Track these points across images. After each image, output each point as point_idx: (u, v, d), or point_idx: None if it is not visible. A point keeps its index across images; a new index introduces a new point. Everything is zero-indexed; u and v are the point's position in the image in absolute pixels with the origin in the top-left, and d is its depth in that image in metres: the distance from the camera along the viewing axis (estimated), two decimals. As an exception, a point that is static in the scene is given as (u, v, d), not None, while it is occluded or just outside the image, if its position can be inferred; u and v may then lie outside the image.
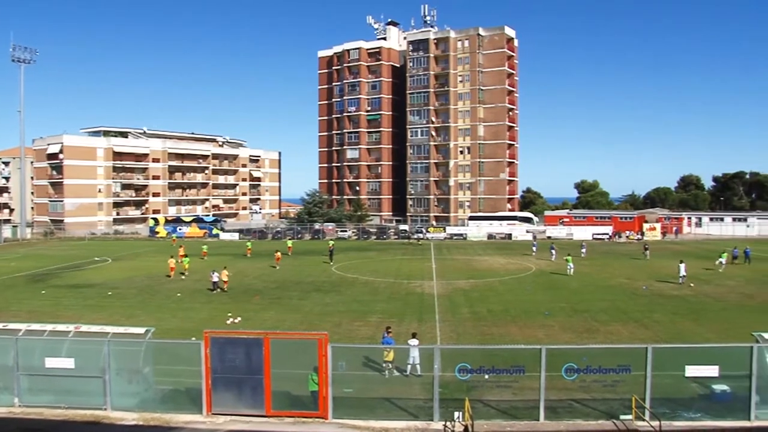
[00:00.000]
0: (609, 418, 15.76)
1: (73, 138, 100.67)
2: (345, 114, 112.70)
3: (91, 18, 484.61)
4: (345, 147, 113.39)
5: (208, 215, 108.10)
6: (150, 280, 44.50)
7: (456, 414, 15.13)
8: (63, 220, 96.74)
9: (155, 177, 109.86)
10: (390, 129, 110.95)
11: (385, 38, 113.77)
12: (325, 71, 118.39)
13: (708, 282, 41.51)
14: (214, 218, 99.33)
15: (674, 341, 23.97)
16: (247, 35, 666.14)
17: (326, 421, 15.94)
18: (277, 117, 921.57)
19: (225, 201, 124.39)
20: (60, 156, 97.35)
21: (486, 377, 16.24)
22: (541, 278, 44.67)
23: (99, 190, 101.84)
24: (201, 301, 35.80)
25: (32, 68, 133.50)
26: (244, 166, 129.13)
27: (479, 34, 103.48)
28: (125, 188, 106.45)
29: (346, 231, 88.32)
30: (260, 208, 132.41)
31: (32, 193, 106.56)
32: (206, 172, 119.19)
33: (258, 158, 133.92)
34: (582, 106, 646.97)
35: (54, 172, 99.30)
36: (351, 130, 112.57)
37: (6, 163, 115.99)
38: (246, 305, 34.18)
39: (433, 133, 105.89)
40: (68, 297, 37.43)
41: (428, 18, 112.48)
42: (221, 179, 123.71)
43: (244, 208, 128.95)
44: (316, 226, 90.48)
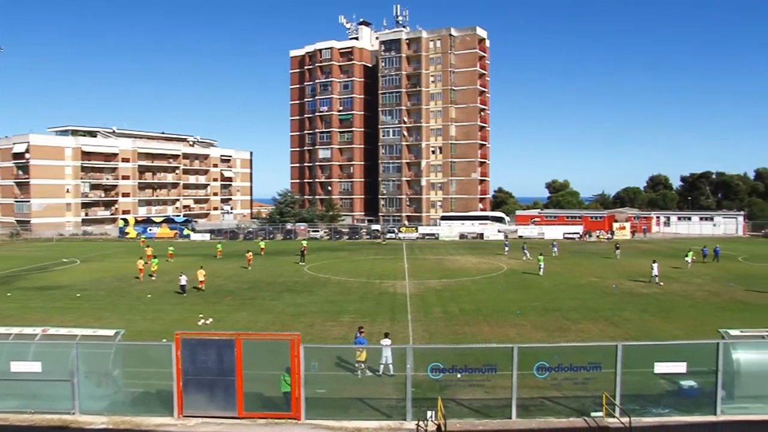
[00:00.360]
0: (580, 416, 15.89)
1: (40, 137, 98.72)
2: (317, 114, 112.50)
3: (59, 15, 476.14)
4: (317, 147, 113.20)
5: (179, 216, 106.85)
6: (119, 282, 43.87)
7: (429, 413, 15.20)
8: (30, 221, 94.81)
9: (125, 177, 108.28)
10: (362, 129, 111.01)
11: (358, 38, 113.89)
12: (297, 71, 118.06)
13: (676, 280, 42.26)
14: (185, 219, 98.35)
15: (643, 339, 24.28)
16: (219, 34, 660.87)
17: (299, 422, 15.83)
18: (249, 117, 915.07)
19: (196, 201, 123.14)
20: (26, 155, 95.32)
21: (458, 376, 16.25)
22: (513, 277, 45.02)
23: (67, 191, 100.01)
24: (172, 303, 35.36)
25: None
26: (215, 166, 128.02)
27: (451, 35, 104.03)
28: (94, 188, 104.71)
29: (318, 231, 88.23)
30: (231, 209, 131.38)
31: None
32: (177, 172, 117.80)
33: (229, 158, 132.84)
34: (553, 107, 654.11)
35: (20, 172, 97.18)
36: (323, 130, 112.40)
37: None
38: (218, 306, 33.88)
39: (405, 133, 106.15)
40: (35, 299, 36.69)
41: (400, 18, 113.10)
42: (192, 179, 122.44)
43: (216, 209, 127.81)
44: (288, 227, 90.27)
